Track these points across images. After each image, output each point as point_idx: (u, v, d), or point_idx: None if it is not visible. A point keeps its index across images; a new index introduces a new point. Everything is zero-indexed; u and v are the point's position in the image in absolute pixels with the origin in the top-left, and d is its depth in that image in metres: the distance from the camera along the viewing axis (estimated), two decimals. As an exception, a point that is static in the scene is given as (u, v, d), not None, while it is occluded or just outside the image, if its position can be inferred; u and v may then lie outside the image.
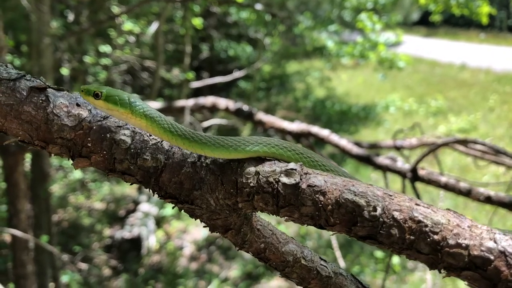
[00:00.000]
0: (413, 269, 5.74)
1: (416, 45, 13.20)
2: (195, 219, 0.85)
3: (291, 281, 0.92)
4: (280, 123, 3.93)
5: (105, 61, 6.83)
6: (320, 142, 3.64)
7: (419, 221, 0.65)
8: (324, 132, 3.50)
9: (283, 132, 4.00)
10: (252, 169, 0.80)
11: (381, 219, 0.66)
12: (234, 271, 6.49)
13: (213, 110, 4.76)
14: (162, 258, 7.09)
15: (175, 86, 8.21)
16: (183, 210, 0.84)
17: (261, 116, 4.08)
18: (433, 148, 2.50)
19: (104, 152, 0.83)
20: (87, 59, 6.49)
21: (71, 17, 5.62)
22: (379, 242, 0.67)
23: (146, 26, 7.18)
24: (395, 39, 7.69)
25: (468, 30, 14.58)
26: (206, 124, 4.55)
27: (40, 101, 0.83)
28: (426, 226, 0.65)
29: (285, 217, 0.74)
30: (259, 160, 0.83)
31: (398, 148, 3.70)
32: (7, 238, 6.03)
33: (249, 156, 0.84)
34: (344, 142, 3.33)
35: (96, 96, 0.87)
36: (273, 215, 0.75)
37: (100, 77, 6.98)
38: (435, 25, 12.15)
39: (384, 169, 3.01)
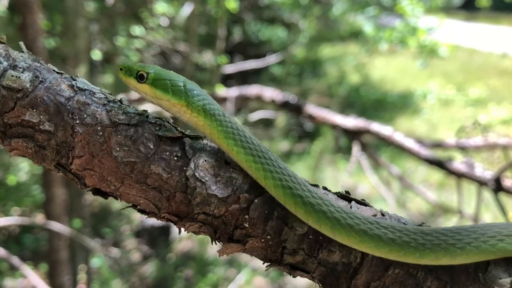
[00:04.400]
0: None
1: (454, 30, 12.64)
2: None
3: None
4: (333, 118, 3.68)
5: (137, 43, 6.69)
6: (381, 141, 3.39)
7: None
8: (386, 131, 3.24)
9: (335, 129, 3.76)
10: (506, 279, 0.54)
11: None
12: (265, 262, 6.39)
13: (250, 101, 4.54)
14: (192, 245, 7.04)
15: (207, 70, 8.02)
16: None
17: (311, 109, 3.84)
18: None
19: (268, 237, 0.59)
20: (120, 41, 6.35)
21: (111, 0, 5.43)
22: None
23: (179, 7, 6.98)
24: (437, 24, 7.32)
25: (510, 14, 13.85)
26: (254, 117, 4.33)
27: (175, 158, 0.60)
28: None
29: None
30: (509, 260, 0.57)
31: (462, 149, 3.42)
32: (40, 218, 6.05)
33: (496, 258, 0.57)
34: (410, 142, 3.06)
35: (140, 78, 0.64)
36: None
37: (133, 60, 6.84)
38: (476, 9, 11.56)
39: (459, 175, 2.74)
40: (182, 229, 0.60)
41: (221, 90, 4.60)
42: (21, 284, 5.37)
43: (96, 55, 5.84)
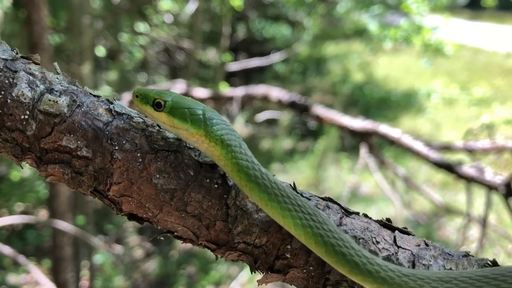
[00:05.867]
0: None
1: (458, 29, 12.62)
2: None
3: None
4: (340, 119, 3.67)
5: (141, 40, 6.68)
6: (389, 144, 3.38)
7: None
8: (394, 133, 3.23)
9: (342, 130, 3.74)
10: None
11: None
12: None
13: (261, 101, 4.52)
14: (195, 243, 7.04)
15: (211, 68, 8.00)
16: None
17: (318, 110, 3.83)
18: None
19: (311, 268, 0.58)
20: (124, 38, 6.33)
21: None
22: None
23: (183, 4, 6.95)
24: (442, 23, 7.30)
25: (515, 13, 13.80)
26: (261, 117, 4.32)
27: (215, 185, 0.58)
28: None
29: None
30: None
31: (470, 151, 3.41)
32: (43, 214, 6.06)
33: None
34: (419, 145, 3.05)
35: (157, 106, 0.61)
36: None
37: (136, 57, 6.81)
38: (481, 8, 11.53)
39: (469, 180, 2.73)
40: (219, 256, 0.59)
41: (228, 90, 4.58)
42: (24, 279, 5.37)
43: (100, 51, 5.81)
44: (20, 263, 3.89)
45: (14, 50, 0.59)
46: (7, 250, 3.61)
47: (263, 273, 0.60)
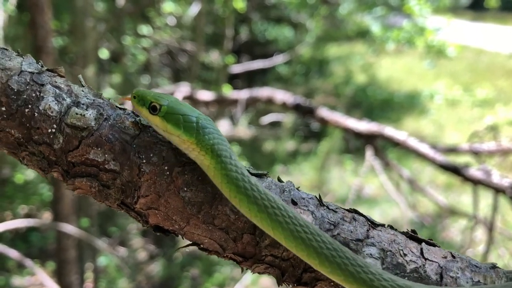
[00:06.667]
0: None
1: (461, 30, 12.62)
2: None
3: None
4: (345, 121, 3.67)
5: (144, 42, 6.68)
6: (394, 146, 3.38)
7: None
8: (400, 136, 3.23)
9: (347, 132, 3.74)
10: None
11: None
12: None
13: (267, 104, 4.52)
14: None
15: (214, 70, 8.01)
16: None
17: (323, 112, 3.82)
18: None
19: (338, 281, 0.58)
20: (127, 40, 6.34)
21: (121, 1, 5.41)
22: None
23: (186, 7, 6.96)
24: (445, 24, 7.30)
25: (517, 14, 13.78)
26: (266, 120, 4.32)
27: (243, 198, 0.58)
28: None
29: None
30: None
31: (475, 153, 3.41)
32: (46, 216, 6.06)
33: None
34: (425, 148, 3.05)
35: (153, 109, 0.61)
36: None
37: (140, 59, 6.82)
38: (483, 9, 11.52)
39: (475, 182, 2.73)
40: (245, 268, 0.59)
41: (232, 92, 4.58)
42: (29, 281, 5.38)
43: (104, 54, 5.83)
44: (25, 266, 3.89)
45: (39, 63, 0.59)
46: (12, 253, 3.62)
47: (289, 286, 0.60)
